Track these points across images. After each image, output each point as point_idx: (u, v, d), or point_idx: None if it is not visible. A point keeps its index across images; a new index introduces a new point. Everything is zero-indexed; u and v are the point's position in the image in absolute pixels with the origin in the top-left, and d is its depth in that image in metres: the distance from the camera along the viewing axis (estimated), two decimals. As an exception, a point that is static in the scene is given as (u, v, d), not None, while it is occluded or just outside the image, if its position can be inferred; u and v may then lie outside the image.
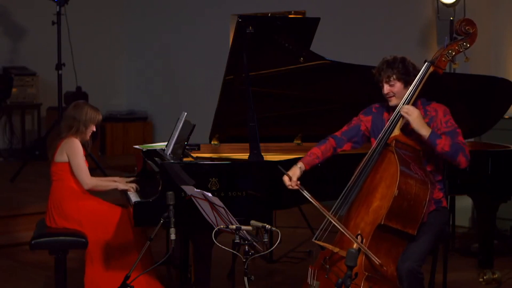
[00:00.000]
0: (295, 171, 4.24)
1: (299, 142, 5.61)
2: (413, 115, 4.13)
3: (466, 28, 4.30)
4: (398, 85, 4.21)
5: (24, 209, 6.60)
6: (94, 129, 5.02)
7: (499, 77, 5.61)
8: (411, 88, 4.20)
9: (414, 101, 4.21)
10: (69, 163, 4.91)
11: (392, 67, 4.20)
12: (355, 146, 4.38)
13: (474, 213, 6.85)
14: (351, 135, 4.37)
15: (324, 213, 4.07)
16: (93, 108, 5.02)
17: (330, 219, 4.05)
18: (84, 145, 4.99)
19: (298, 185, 4.19)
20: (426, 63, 4.27)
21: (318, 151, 4.32)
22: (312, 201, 4.12)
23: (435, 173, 4.25)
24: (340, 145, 4.36)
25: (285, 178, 4.21)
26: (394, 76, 4.20)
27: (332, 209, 4.15)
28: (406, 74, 4.20)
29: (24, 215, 6.50)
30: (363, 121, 4.38)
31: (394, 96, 4.23)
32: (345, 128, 4.40)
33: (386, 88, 4.23)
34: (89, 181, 4.92)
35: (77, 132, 4.93)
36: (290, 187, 4.21)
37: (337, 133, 4.39)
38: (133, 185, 4.98)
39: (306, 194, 4.14)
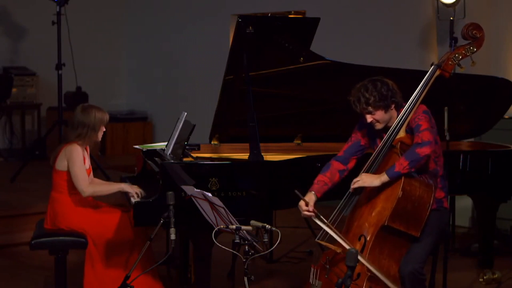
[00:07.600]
0: (311, 197, 4.20)
1: (299, 142, 5.60)
2: (365, 183, 4.07)
3: (473, 32, 4.30)
4: (378, 113, 4.17)
5: (24, 209, 6.59)
6: (104, 129, 5.01)
7: (499, 77, 5.61)
8: (417, 91, 4.19)
9: (420, 104, 4.19)
10: (68, 171, 4.89)
11: (367, 99, 4.14)
12: (359, 159, 4.34)
13: (474, 213, 6.85)
14: (353, 152, 4.35)
15: (340, 240, 4.02)
16: (99, 109, 4.98)
17: (343, 243, 4.00)
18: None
19: (315, 212, 4.16)
20: (432, 66, 4.27)
21: (324, 178, 4.28)
22: (327, 229, 4.06)
23: (436, 172, 4.25)
24: (346, 163, 4.32)
25: (302, 203, 4.16)
26: (370, 107, 4.15)
27: (336, 209, 4.15)
28: (382, 99, 4.13)
29: (24, 215, 6.49)
30: (361, 134, 4.36)
31: (378, 122, 4.21)
32: (346, 146, 4.38)
33: (368, 118, 4.20)
34: (86, 189, 4.85)
35: (86, 137, 4.91)
36: (307, 212, 4.16)
37: (340, 153, 4.36)
38: (138, 190, 4.90)
39: (320, 222, 4.09)
